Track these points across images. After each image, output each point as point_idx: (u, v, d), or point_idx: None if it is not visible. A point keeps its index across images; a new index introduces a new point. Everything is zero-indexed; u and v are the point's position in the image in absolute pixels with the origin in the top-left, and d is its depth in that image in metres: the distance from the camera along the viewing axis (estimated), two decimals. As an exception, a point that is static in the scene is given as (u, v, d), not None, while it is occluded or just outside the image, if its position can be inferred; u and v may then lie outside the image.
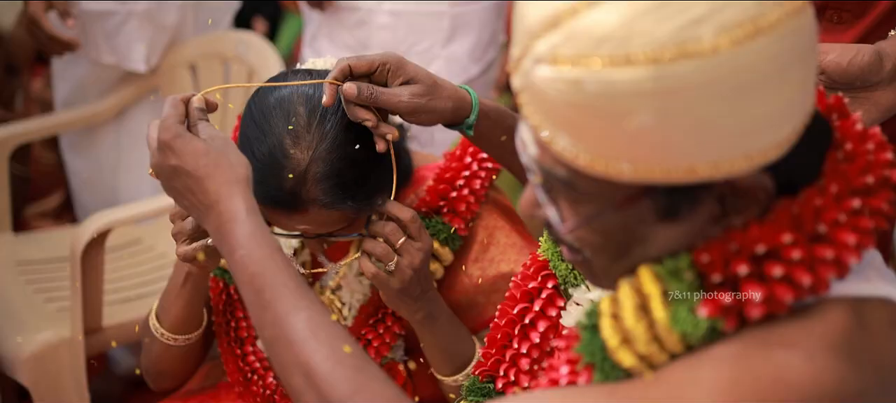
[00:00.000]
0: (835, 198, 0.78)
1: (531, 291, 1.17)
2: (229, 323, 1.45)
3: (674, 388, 0.75)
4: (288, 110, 1.19)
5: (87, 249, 1.79)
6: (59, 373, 1.86)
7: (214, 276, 1.45)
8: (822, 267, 0.76)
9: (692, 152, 0.71)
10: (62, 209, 2.98)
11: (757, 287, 0.75)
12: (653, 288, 0.79)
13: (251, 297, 0.93)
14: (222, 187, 0.96)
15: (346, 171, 1.20)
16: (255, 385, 1.43)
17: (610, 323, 0.82)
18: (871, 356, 0.75)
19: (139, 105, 2.49)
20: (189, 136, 1.01)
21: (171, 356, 1.43)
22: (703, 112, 0.70)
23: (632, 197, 0.77)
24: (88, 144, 2.53)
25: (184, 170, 0.98)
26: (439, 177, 1.40)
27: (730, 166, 0.72)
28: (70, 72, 2.45)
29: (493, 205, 1.43)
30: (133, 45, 2.35)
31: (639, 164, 0.73)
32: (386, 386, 0.86)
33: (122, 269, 2.20)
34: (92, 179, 2.56)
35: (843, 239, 0.76)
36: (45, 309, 1.99)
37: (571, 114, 0.73)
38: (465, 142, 1.42)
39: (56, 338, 1.85)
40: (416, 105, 1.18)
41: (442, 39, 2.16)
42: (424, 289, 1.28)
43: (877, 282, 0.80)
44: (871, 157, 0.81)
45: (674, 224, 0.78)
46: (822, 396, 0.72)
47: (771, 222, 0.77)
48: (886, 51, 1.16)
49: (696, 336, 0.76)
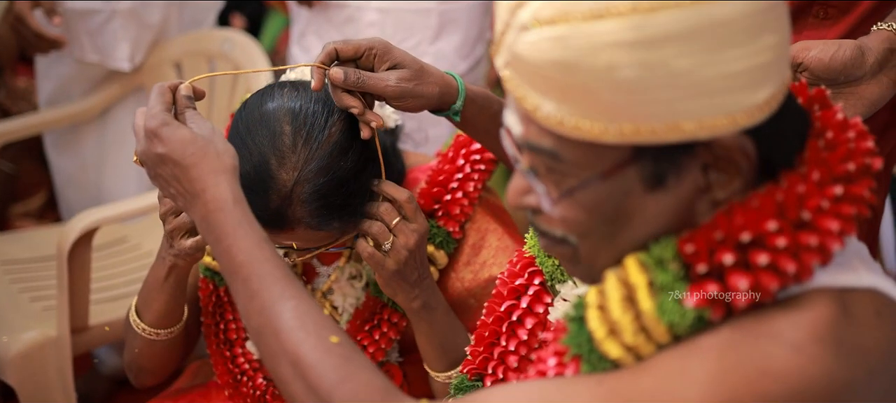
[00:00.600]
0: (817, 184, 0.79)
1: (518, 288, 1.17)
2: (218, 325, 1.45)
3: (662, 379, 0.76)
4: (273, 128, 1.18)
5: (73, 247, 1.79)
6: (45, 372, 1.85)
7: (204, 277, 1.45)
8: (806, 253, 0.77)
9: (676, 108, 0.73)
10: (45, 209, 2.96)
11: (742, 275, 0.76)
12: (639, 279, 0.79)
13: (238, 286, 0.92)
14: (209, 176, 0.96)
15: (332, 193, 1.18)
16: (245, 387, 1.43)
17: (596, 314, 0.82)
18: (858, 346, 0.75)
19: (123, 103, 2.48)
20: (176, 124, 1.00)
21: (153, 351, 1.42)
22: (683, 64, 0.72)
23: (618, 165, 0.78)
24: (72, 143, 2.52)
25: (170, 159, 0.98)
26: (432, 179, 1.39)
27: (712, 123, 0.74)
28: (54, 70, 2.44)
29: (486, 207, 1.43)
30: (117, 44, 2.34)
31: (624, 123, 0.74)
32: (374, 375, 0.86)
33: (108, 268, 2.19)
34: (76, 178, 2.55)
35: (826, 225, 0.77)
36: (31, 308, 1.98)
37: (555, 75, 0.75)
38: (458, 142, 1.42)
39: (42, 337, 1.84)
40: (404, 89, 1.18)
41: (430, 36, 2.17)
42: (422, 276, 1.28)
43: (862, 273, 0.81)
44: (852, 145, 0.82)
45: (661, 195, 0.79)
46: (809, 387, 0.72)
47: (755, 209, 0.77)
48: (868, 45, 1.17)
49: (683, 327, 0.77)
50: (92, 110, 2.44)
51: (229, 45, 2.36)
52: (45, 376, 1.85)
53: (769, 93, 0.76)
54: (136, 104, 2.48)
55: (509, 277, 1.18)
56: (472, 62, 2.26)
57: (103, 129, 2.50)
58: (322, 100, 1.21)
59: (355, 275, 1.44)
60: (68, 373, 1.88)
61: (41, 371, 1.85)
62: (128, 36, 2.35)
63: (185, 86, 1.07)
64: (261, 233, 0.95)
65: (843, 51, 1.15)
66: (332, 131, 1.19)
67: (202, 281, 1.46)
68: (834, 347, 0.74)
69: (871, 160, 0.82)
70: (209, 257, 1.42)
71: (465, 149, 1.41)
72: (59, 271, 1.81)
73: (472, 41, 2.26)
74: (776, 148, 0.80)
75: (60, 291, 1.83)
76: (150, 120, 1.01)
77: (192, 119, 1.03)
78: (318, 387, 0.85)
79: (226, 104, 2.34)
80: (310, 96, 1.21)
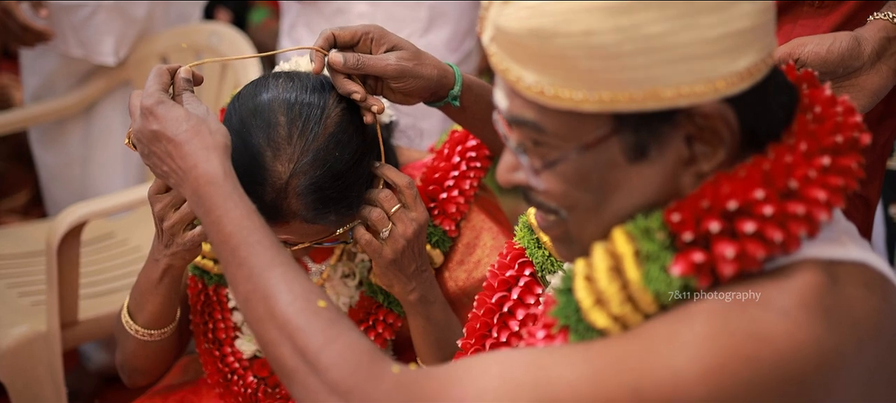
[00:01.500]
0: (805, 155, 0.80)
1: (509, 280, 1.17)
2: (207, 324, 1.44)
3: (650, 343, 0.76)
4: (267, 119, 1.16)
5: (62, 242, 1.78)
6: (35, 368, 1.85)
7: (193, 276, 1.43)
8: (793, 223, 0.77)
9: (653, 74, 0.75)
10: (31, 205, 2.95)
11: (728, 244, 0.77)
12: (625, 248, 0.80)
13: (226, 255, 0.94)
14: (200, 152, 0.99)
15: (328, 185, 1.17)
16: (235, 385, 1.42)
17: (584, 284, 0.83)
18: (846, 314, 0.76)
19: (109, 98, 2.47)
20: (171, 103, 1.04)
21: (146, 352, 1.40)
22: (657, 29, 0.74)
23: (600, 137, 0.79)
24: (58, 138, 2.50)
25: (164, 135, 1.01)
26: (428, 177, 1.38)
27: (691, 90, 0.76)
28: (39, 65, 2.43)
29: (481, 205, 1.42)
30: (102, 38, 2.33)
31: (602, 91, 0.76)
32: (360, 338, 0.87)
33: (95, 263, 2.18)
34: (61, 174, 2.53)
35: (813, 195, 0.78)
36: (20, 303, 1.97)
37: (534, 44, 0.78)
38: (453, 138, 1.41)
39: (32, 333, 1.84)
40: (404, 68, 1.19)
41: (419, 30, 2.16)
42: (420, 268, 1.27)
43: (851, 247, 0.82)
44: (839, 119, 0.83)
45: (644, 166, 0.80)
46: (797, 352, 0.73)
47: (742, 178, 0.78)
48: (864, 35, 1.18)
49: (669, 295, 0.78)
50: (77, 105, 2.43)
51: (216, 39, 2.35)
52: (35, 371, 1.85)
53: (750, 62, 0.77)
54: (122, 99, 2.47)
55: (500, 269, 1.18)
56: (461, 55, 2.26)
57: (89, 125, 2.49)
58: (317, 91, 1.20)
59: (348, 274, 1.43)
60: (58, 368, 1.87)
61: (31, 367, 1.84)
62: (112, 30, 2.33)
63: (185, 69, 1.10)
64: (250, 206, 0.97)
65: (839, 43, 1.15)
66: (327, 123, 1.18)
67: (191, 279, 1.44)
68: (822, 314, 0.74)
69: (859, 134, 0.83)
70: (198, 255, 1.39)
71: (460, 146, 1.40)
72: (49, 266, 1.80)
73: (461, 34, 2.27)
74: (760, 119, 0.81)
75: (49, 286, 1.82)
76: (146, 98, 1.04)
77: (188, 100, 1.06)
78: (304, 349, 0.86)
79: (213, 98, 2.34)
80: (305, 87, 1.20)
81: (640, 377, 0.74)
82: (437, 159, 1.40)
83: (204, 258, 1.41)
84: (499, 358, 0.82)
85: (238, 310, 1.42)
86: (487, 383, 0.79)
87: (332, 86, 1.22)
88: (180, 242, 1.23)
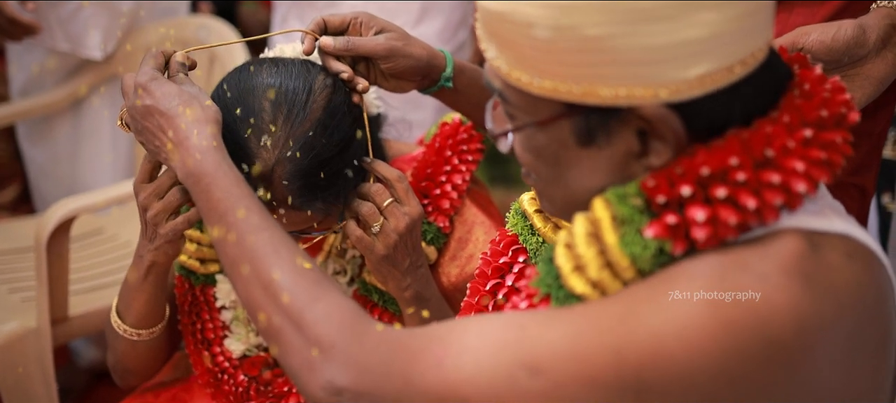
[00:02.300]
0: (787, 127, 0.80)
1: (502, 267, 1.16)
2: (195, 325, 1.42)
3: (630, 306, 0.77)
4: (252, 105, 1.15)
5: (52, 237, 1.77)
6: (25, 364, 1.83)
7: (180, 276, 1.42)
8: (768, 191, 0.78)
9: (591, 73, 0.77)
10: (19, 201, 2.93)
11: (700, 207, 0.77)
12: (603, 214, 0.81)
13: (215, 222, 0.97)
14: (192, 124, 1.02)
15: (315, 172, 1.16)
16: (226, 384, 1.40)
17: (564, 251, 0.85)
18: (825, 280, 0.76)
19: (97, 92, 2.45)
20: (163, 79, 1.07)
21: (137, 352, 1.38)
22: (595, 32, 0.76)
23: (553, 116, 0.82)
24: (46, 133, 2.49)
25: (156, 109, 1.04)
26: (419, 172, 1.36)
27: (629, 93, 0.77)
28: (26, 60, 2.41)
29: (472, 199, 1.40)
30: (88, 32, 2.31)
31: (544, 79, 0.80)
32: (344, 298, 0.88)
33: (85, 259, 2.17)
34: (50, 169, 2.52)
35: (790, 164, 0.78)
36: (9, 299, 1.95)
37: (494, 24, 0.83)
38: (443, 131, 1.40)
39: (22, 329, 1.82)
40: (393, 47, 1.22)
41: (411, 20, 2.16)
42: (415, 264, 1.25)
43: (834, 220, 0.82)
44: (827, 95, 0.83)
45: (593, 152, 0.83)
46: (775, 315, 0.73)
47: (719, 147, 0.78)
48: (869, 23, 1.16)
49: (644, 259, 0.79)
50: (65, 100, 2.41)
51: (204, 32, 2.34)
52: (25, 368, 1.83)
53: (704, 71, 0.77)
54: (110, 93, 2.45)
55: (493, 255, 1.18)
56: (454, 47, 2.26)
57: (76, 119, 2.47)
58: (302, 77, 1.19)
59: (339, 271, 1.41)
60: (49, 365, 1.86)
61: (22, 364, 1.83)
62: (99, 24, 2.32)
63: (181, 54, 1.12)
64: (239, 176, 1.00)
65: (843, 31, 1.14)
66: (313, 108, 1.17)
67: (178, 279, 1.42)
68: (801, 280, 0.75)
69: (846, 111, 0.83)
70: (184, 255, 1.39)
71: (451, 139, 1.38)
72: (38, 262, 1.78)
73: (454, 26, 2.26)
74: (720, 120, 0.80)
75: (39, 282, 1.80)
76: (139, 76, 1.08)
77: (181, 81, 1.09)
78: (289, 308, 0.87)
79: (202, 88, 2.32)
80: (290, 73, 1.19)
81: (619, 338, 0.75)
82: (428, 153, 1.38)
83: (190, 258, 1.39)
84: (482, 320, 0.83)
85: (226, 310, 1.41)
86: (470, 341, 0.80)
87: (318, 70, 1.21)
88: (162, 233, 1.20)
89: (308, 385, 0.84)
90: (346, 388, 0.82)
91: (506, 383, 0.77)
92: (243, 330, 1.40)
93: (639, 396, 0.74)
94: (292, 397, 1.36)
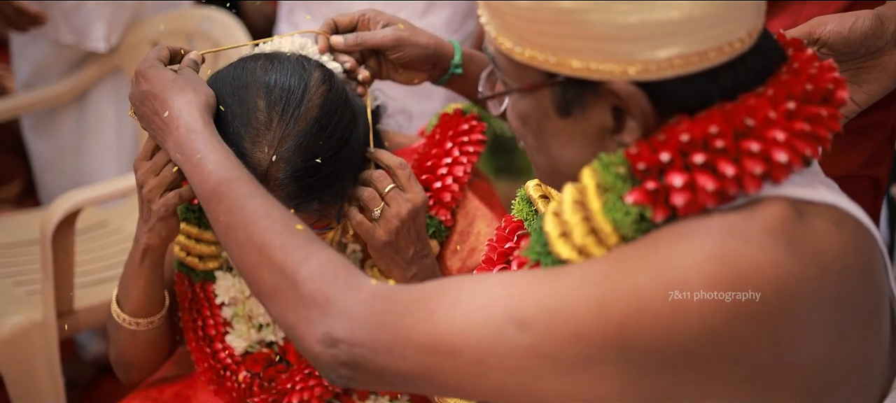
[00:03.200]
0: (770, 99, 0.81)
1: (507, 252, 1.16)
2: (196, 321, 1.41)
3: (614, 263, 0.79)
4: (246, 104, 1.14)
5: (57, 230, 1.76)
6: (31, 357, 1.83)
7: (179, 273, 1.41)
8: (747, 159, 0.79)
9: (564, 44, 0.80)
10: (23, 194, 2.93)
11: (678, 173, 0.79)
12: (589, 181, 0.83)
13: (208, 194, 1.00)
14: (184, 106, 1.07)
15: (311, 173, 1.15)
16: (228, 381, 1.39)
17: (552, 218, 0.87)
18: (808, 244, 0.77)
19: (101, 85, 2.44)
20: (161, 66, 1.13)
21: (137, 344, 1.38)
22: (570, 5, 0.79)
23: (535, 85, 0.86)
24: (50, 126, 2.48)
25: (152, 93, 1.10)
26: (420, 164, 1.35)
27: (599, 67, 0.80)
28: (30, 53, 2.40)
29: (475, 191, 1.39)
30: (92, 24, 2.30)
31: (525, 47, 0.83)
32: (337, 255, 0.91)
33: (90, 252, 2.16)
34: (54, 162, 2.52)
35: (771, 134, 0.80)
36: (15, 292, 1.95)
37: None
38: (444, 122, 1.39)
39: (28, 322, 1.82)
40: (400, 37, 1.27)
41: (419, 11, 2.15)
42: (420, 252, 1.25)
43: (823, 191, 0.82)
44: (814, 71, 0.84)
45: (570, 123, 0.86)
46: (755, 273, 0.74)
47: (702, 118, 0.80)
48: (886, 14, 1.14)
49: (626, 224, 0.81)
50: (69, 93, 2.41)
51: (208, 23, 2.33)
52: (31, 361, 1.84)
53: (674, 53, 0.78)
54: (114, 86, 2.45)
55: (498, 241, 1.17)
56: (461, 37, 2.25)
57: (81, 112, 2.47)
58: (298, 74, 1.17)
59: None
60: (55, 358, 1.86)
61: (27, 357, 1.83)
62: (103, 16, 2.31)
63: (195, 53, 1.19)
64: (228, 151, 1.04)
65: (861, 21, 1.12)
66: (309, 106, 1.15)
67: (177, 275, 1.41)
68: (784, 241, 0.76)
69: (834, 87, 0.84)
70: (183, 252, 1.38)
71: (451, 130, 1.37)
72: (43, 254, 1.78)
73: (461, 16, 2.25)
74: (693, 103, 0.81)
75: (45, 274, 1.80)
76: (141, 64, 1.14)
77: (185, 72, 1.14)
78: (283, 266, 0.90)
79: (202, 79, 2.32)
80: (286, 69, 1.18)
81: (603, 294, 0.77)
82: (429, 145, 1.37)
83: (189, 255, 1.38)
84: (474, 277, 0.86)
85: (227, 307, 1.40)
86: (461, 296, 0.82)
87: (314, 67, 1.20)
88: (155, 209, 1.20)
89: (305, 340, 0.87)
90: (342, 339, 0.84)
91: (495, 336, 0.79)
92: (245, 326, 1.39)
93: (623, 353, 0.76)
94: (295, 394, 1.35)
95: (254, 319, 1.39)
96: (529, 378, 0.79)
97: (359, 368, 0.85)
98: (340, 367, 0.85)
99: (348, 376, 0.86)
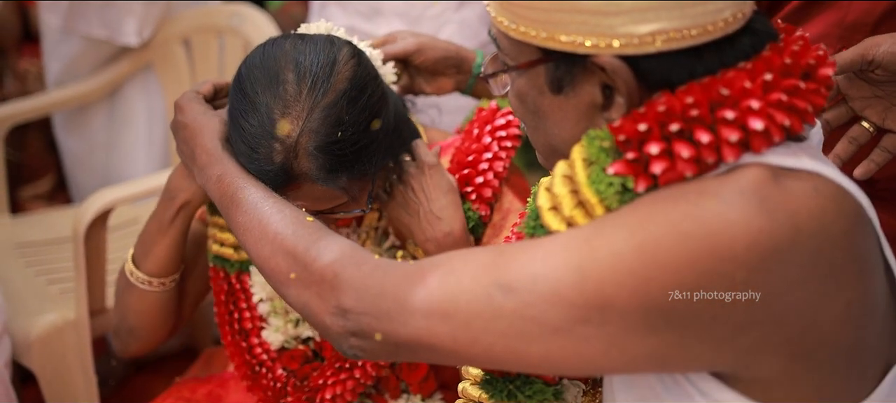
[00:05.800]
0: (747, 72, 0.84)
1: None
2: (232, 314, 1.41)
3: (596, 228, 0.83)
4: (276, 77, 1.15)
5: (89, 229, 1.77)
6: (65, 355, 1.84)
7: (214, 266, 1.41)
8: (723, 126, 0.81)
9: (553, 19, 0.85)
10: (55, 191, 2.94)
11: (655, 142, 0.82)
12: (577, 155, 0.88)
13: (226, 201, 1.11)
14: (208, 138, 1.19)
15: (339, 144, 1.15)
16: (264, 378, 1.39)
17: (544, 192, 0.92)
18: (782, 204, 0.79)
19: (132, 82, 2.45)
20: (197, 102, 1.25)
21: (144, 307, 1.38)
22: None
23: (530, 62, 0.90)
24: (81, 123, 2.49)
25: (183, 123, 1.23)
26: (460, 160, 1.35)
27: (584, 41, 0.84)
28: (62, 51, 2.41)
29: (510, 186, 1.38)
30: (124, 18, 2.31)
31: (520, 24, 0.88)
32: (342, 239, 0.98)
33: (122, 249, 2.15)
34: (85, 159, 2.53)
35: (745, 103, 0.82)
36: (48, 291, 1.96)
37: None
38: (480, 117, 1.39)
39: (61, 320, 1.83)
40: (421, 42, 1.39)
41: (454, 4, 2.12)
42: None
43: (805, 160, 0.84)
44: (797, 48, 0.86)
45: (562, 101, 0.90)
46: (726, 229, 0.77)
47: (681, 91, 0.83)
48: None
49: (609, 195, 0.85)
50: (100, 90, 2.41)
51: (238, 20, 2.32)
52: (64, 359, 1.84)
53: (656, 28, 0.81)
54: (145, 83, 2.45)
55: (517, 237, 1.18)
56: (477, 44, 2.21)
57: (112, 109, 2.48)
58: (326, 50, 1.18)
59: None
60: (88, 356, 1.86)
61: (61, 354, 1.84)
62: (135, 11, 2.31)
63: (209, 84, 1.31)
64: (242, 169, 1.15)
65: None
66: (338, 79, 1.16)
67: (212, 269, 1.42)
68: (756, 200, 0.78)
69: (816, 63, 0.86)
70: (217, 244, 1.39)
71: (489, 125, 1.36)
72: (76, 253, 1.78)
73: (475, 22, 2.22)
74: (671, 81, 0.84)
75: (77, 273, 1.80)
76: (181, 96, 1.26)
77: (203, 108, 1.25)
78: (295, 250, 0.98)
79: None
80: (315, 45, 1.18)
81: (583, 256, 0.80)
82: (466, 140, 1.37)
83: (223, 245, 1.38)
84: (469, 250, 0.91)
85: (263, 302, 1.39)
86: (455, 265, 0.87)
87: (343, 44, 1.21)
88: None
89: (319, 314, 0.94)
90: (350, 309, 0.91)
91: (483, 301, 0.83)
92: (281, 321, 1.39)
93: (602, 314, 0.79)
94: (328, 389, 1.35)
95: (290, 313, 1.38)
96: (517, 341, 0.82)
97: (366, 336, 0.90)
98: (350, 336, 0.91)
99: (359, 346, 0.92)
